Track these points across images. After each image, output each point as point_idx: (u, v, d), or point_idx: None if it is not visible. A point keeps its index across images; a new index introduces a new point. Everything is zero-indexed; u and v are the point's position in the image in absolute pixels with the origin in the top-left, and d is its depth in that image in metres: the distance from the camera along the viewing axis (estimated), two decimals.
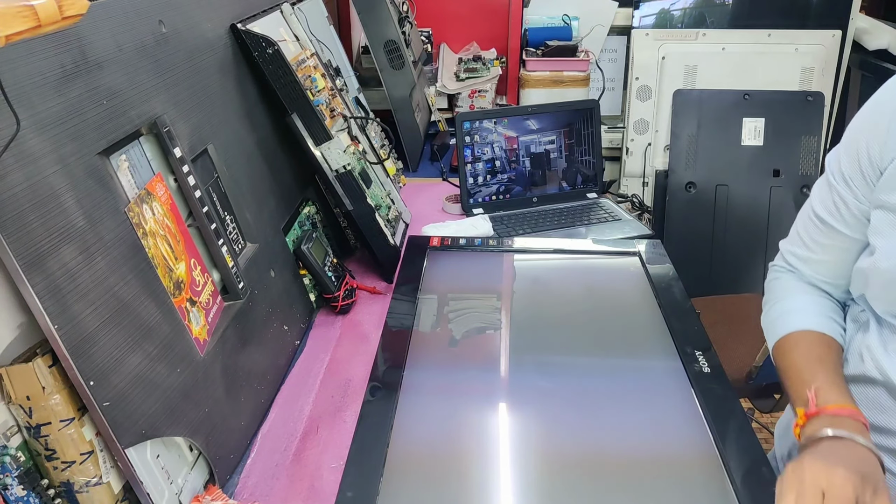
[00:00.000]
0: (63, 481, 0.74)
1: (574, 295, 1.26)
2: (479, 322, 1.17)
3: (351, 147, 1.42)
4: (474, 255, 1.36)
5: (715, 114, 2.11)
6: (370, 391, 0.94)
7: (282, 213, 1.31)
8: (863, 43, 2.21)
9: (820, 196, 0.91)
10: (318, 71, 1.47)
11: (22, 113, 0.67)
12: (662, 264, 1.26)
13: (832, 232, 0.89)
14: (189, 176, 0.97)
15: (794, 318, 0.92)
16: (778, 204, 2.11)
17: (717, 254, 2.15)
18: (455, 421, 0.93)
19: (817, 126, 2.09)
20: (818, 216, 0.90)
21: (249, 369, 1.04)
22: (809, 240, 0.93)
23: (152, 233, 0.86)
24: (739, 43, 2.14)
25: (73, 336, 0.69)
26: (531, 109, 1.75)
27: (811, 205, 0.93)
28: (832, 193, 0.88)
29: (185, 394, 0.86)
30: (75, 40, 0.79)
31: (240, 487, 0.94)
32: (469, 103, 2.41)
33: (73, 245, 0.72)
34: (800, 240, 0.95)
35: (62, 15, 0.55)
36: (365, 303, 1.39)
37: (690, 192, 2.13)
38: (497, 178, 1.74)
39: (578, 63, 2.40)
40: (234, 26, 1.24)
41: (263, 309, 1.12)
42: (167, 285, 0.87)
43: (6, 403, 0.70)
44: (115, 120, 0.84)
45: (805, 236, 0.94)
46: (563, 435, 0.91)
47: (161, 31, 1.00)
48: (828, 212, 0.89)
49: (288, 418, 1.07)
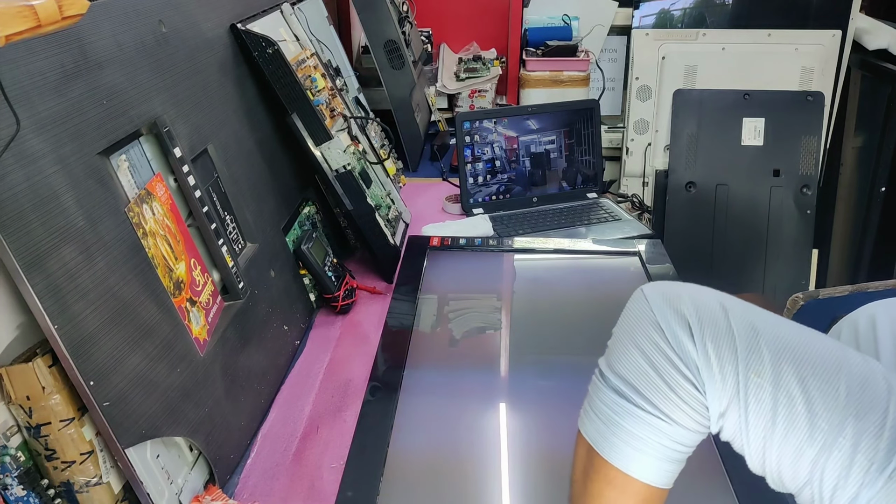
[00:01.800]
0: (63, 481, 0.74)
1: (574, 295, 1.26)
2: (479, 322, 1.18)
3: (351, 147, 1.42)
4: (474, 255, 1.36)
5: (715, 114, 2.11)
6: (370, 391, 0.94)
7: (282, 213, 1.30)
8: (863, 43, 2.21)
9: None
10: (318, 71, 1.47)
11: (22, 113, 0.67)
12: (662, 264, 1.26)
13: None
14: (189, 176, 0.97)
15: (651, 459, 0.62)
16: (778, 204, 2.10)
17: (717, 254, 2.15)
18: (455, 421, 0.93)
19: (817, 126, 2.09)
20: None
21: (249, 369, 1.04)
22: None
23: (152, 233, 0.86)
24: (739, 43, 2.14)
25: (73, 336, 0.69)
26: (531, 109, 1.75)
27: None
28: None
29: (185, 394, 0.86)
30: (75, 40, 0.79)
31: (240, 487, 0.94)
32: (469, 103, 2.41)
33: (73, 245, 0.72)
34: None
35: (62, 15, 0.55)
36: (365, 303, 1.39)
37: (690, 192, 2.13)
38: (497, 178, 1.74)
39: (578, 63, 2.40)
40: (234, 26, 1.24)
41: (263, 309, 1.12)
42: (167, 285, 0.87)
43: (6, 403, 0.70)
44: (115, 120, 0.84)
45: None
46: (562, 435, 0.91)
47: (161, 31, 1.00)
48: None
49: (288, 418, 1.07)
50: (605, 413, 0.63)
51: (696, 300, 0.61)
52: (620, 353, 0.63)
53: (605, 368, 0.64)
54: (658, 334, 0.60)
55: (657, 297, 0.62)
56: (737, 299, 0.62)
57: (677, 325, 0.60)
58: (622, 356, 0.62)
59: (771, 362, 0.57)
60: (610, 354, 0.65)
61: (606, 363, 0.64)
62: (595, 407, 0.64)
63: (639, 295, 0.65)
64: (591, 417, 0.64)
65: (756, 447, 0.58)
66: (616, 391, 0.62)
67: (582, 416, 0.66)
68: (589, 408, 0.65)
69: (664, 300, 0.62)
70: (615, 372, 0.63)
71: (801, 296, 1.27)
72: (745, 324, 0.59)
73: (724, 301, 0.61)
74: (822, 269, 2.38)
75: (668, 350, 0.60)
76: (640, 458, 0.61)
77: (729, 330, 0.59)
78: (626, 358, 0.62)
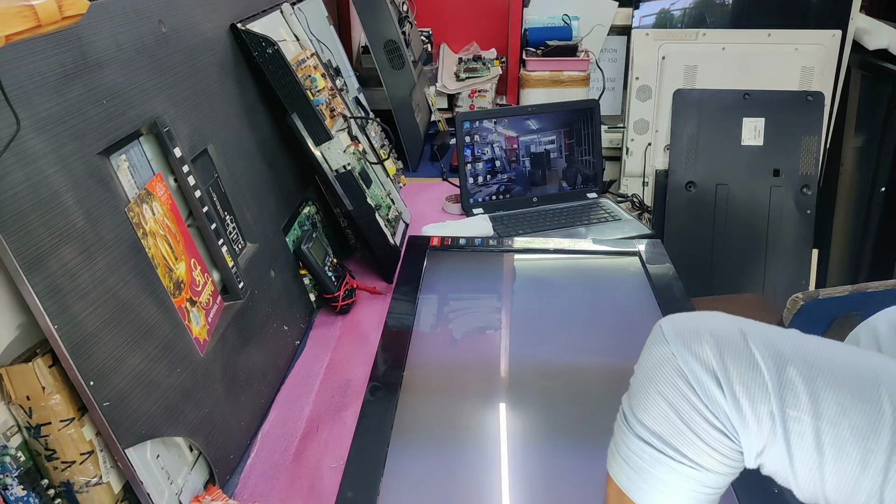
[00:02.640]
0: (63, 481, 0.74)
1: (574, 295, 1.26)
2: (479, 322, 1.18)
3: (351, 147, 1.42)
4: (474, 255, 1.36)
5: (715, 114, 2.11)
6: (370, 391, 0.94)
7: (282, 213, 1.30)
8: (863, 43, 2.21)
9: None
10: (318, 71, 1.47)
11: (22, 113, 0.67)
12: (662, 264, 1.26)
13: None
14: (189, 176, 0.97)
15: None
16: (778, 204, 2.10)
17: (717, 254, 2.15)
18: (455, 421, 0.93)
19: (817, 126, 2.09)
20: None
21: (249, 369, 1.04)
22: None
23: (152, 233, 0.86)
24: (739, 43, 2.14)
25: (73, 336, 0.69)
26: (531, 109, 1.75)
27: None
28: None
29: (185, 394, 0.86)
30: (75, 40, 0.79)
31: (240, 487, 0.94)
32: (469, 103, 2.41)
33: (74, 245, 0.72)
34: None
35: (62, 15, 0.55)
36: (365, 303, 1.39)
37: (690, 192, 2.13)
38: (497, 178, 1.74)
39: (578, 63, 2.40)
40: (234, 26, 1.24)
41: (263, 309, 1.12)
42: (167, 285, 0.87)
43: (6, 403, 0.70)
44: (114, 120, 0.84)
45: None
46: (562, 435, 0.91)
47: (161, 31, 1.00)
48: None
49: (288, 418, 1.07)
50: (633, 460, 0.61)
51: (717, 335, 0.58)
52: (644, 399, 0.61)
53: (630, 416, 0.62)
54: (682, 381, 0.58)
55: (677, 340, 0.59)
56: (756, 323, 0.60)
57: (701, 370, 0.57)
58: (647, 404, 0.60)
59: (806, 391, 0.54)
60: (633, 399, 0.62)
61: (630, 409, 0.62)
62: (623, 452, 0.62)
63: (658, 335, 0.62)
64: (620, 463, 0.62)
65: (806, 481, 0.55)
66: (643, 440, 0.60)
67: (609, 458, 0.64)
68: (616, 452, 0.63)
69: (684, 344, 0.59)
70: (641, 421, 0.60)
71: (801, 296, 1.27)
72: (770, 352, 0.56)
73: (744, 328, 0.58)
74: (822, 269, 2.38)
75: (694, 399, 0.57)
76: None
77: (755, 364, 0.56)
78: (652, 407, 0.60)
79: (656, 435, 0.59)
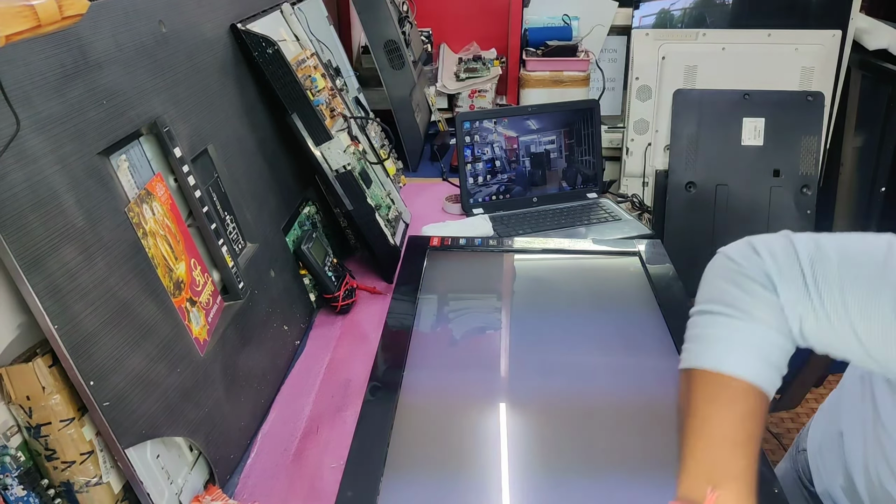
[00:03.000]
0: (63, 481, 0.74)
1: (574, 295, 1.26)
2: (479, 322, 1.17)
3: (351, 147, 1.42)
4: (474, 255, 1.36)
5: (715, 114, 2.11)
6: (370, 391, 0.94)
7: (282, 213, 1.31)
8: (863, 43, 2.21)
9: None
10: (318, 71, 1.47)
11: (22, 113, 0.67)
12: (662, 264, 1.26)
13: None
14: (189, 176, 0.97)
15: (742, 354, 0.69)
16: (778, 204, 2.10)
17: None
18: (455, 421, 0.93)
19: (817, 126, 2.09)
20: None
21: (249, 369, 1.04)
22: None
23: (152, 233, 0.86)
24: (739, 43, 2.14)
25: (73, 336, 0.69)
26: (531, 109, 1.75)
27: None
28: None
29: (185, 394, 0.86)
30: (75, 40, 0.79)
31: (240, 487, 0.94)
32: (469, 103, 2.41)
33: (73, 245, 0.72)
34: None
35: (62, 15, 0.55)
36: (365, 303, 1.39)
37: (690, 192, 2.13)
38: (497, 178, 1.74)
39: (578, 63, 2.40)
40: (234, 26, 1.24)
41: (263, 309, 1.12)
42: (167, 285, 0.87)
43: (6, 403, 0.70)
44: (114, 120, 0.84)
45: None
46: (562, 435, 0.91)
47: (161, 31, 1.00)
48: None
49: (288, 418, 1.07)
50: (695, 335, 0.72)
51: (762, 237, 0.74)
52: (701, 288, 0.76)
53: (694, 307, 0.75)
54: (732, 263, 0.73)
55: (727, 248, 0.76)
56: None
57: (749, 249, 0.72)
58: (703, 289, 0.75)
59: (828, 249, 0.68)
60: (696, 299, 0.76)
61: (694, 304, 0.76)
62: (689, 337, 0.73)
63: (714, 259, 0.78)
64: (686, 349, 0.72)
65: (846, 334, 0.65)
66: (703, 313, 0.72)
67: (681, 359, 0.73)
68: (685, 347, 0.73)
69: (732, 247, 0.75)
70: (698, 301, 0.74)
71: None
72: (800, 236, 0.71)
73: (790, 234, 0.72)
74: None
75: (740, 264, 0.72)
76: (730, 353, 0.68)
77: (788, 239, 0.71)
78: (709, 287, 0.74)
79: (713, 301, 0.72)
